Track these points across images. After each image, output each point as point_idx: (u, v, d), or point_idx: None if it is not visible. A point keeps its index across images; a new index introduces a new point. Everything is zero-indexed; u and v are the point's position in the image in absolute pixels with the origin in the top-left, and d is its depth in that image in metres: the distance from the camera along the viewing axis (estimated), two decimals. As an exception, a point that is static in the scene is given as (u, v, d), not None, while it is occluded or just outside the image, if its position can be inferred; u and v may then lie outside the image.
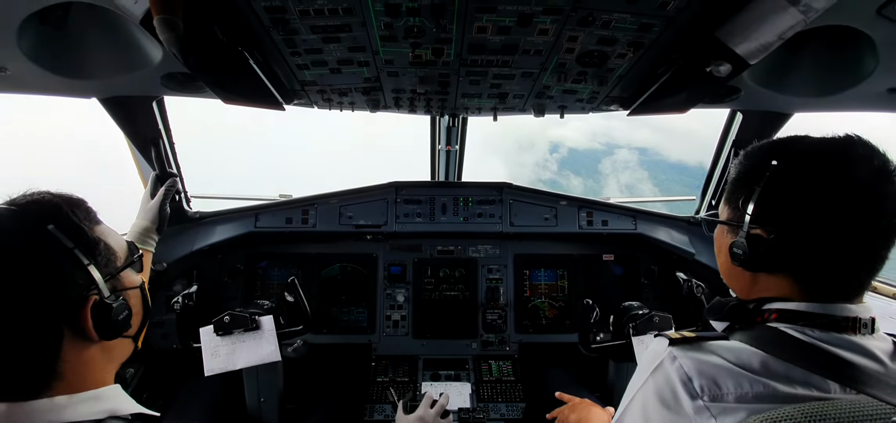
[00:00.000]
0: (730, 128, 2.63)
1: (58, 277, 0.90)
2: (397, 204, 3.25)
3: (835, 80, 1.85)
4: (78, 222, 0.98)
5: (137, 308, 1.12)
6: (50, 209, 0.95)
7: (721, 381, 0.96)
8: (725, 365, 0.98)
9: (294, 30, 1.57)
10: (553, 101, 2.28)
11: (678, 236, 3.15)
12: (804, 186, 1.01)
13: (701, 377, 0.97)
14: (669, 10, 1.43)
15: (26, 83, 1.84)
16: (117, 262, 1.07)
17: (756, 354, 0.99)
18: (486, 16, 1.51)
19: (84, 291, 0.94)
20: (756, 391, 0.94)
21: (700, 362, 1.00)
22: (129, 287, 1.10)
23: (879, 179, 0.96)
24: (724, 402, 0.94)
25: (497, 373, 3.07)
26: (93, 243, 0.99)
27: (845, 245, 0.98)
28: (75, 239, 0.94)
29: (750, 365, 0.97)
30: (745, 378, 0.95)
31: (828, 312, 1.00)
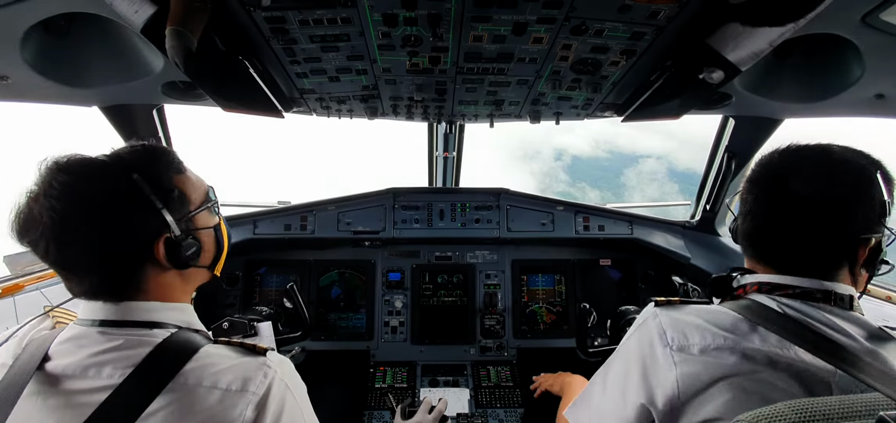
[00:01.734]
0: (723, 133, 2.67)
1: (141, 216, 1.11)
2: (395, 210, 3.27)
3: (823, 86, 1.89)
4: (158, 172, 1.17)
5: (210, 245, 1.33)
6: (137, 160, 1.15)
7: (689, 334, 1.11)
8: (697, 322, 1.13)
9: (293, 39, 1.60)
10: (548, 108, 2.31)
11: (674, 241, 3.18)
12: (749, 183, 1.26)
13: (673, 330, 1.14)
14: (660, 19, 1.47)
15: (28, 92, 1.86)
16: (191, 206, 1.25)
17: (729, 315, 1.13)
18: (481, 25, 1.54)
19: (158, 230, 1.14)
20: (717, 345, 1.08)
21: (676, 319, 1.16)
22: (203, 227, 1.29)
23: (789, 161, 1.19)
24: (688, 353, 1.09)
25: (495, 379, 3.07)
26: (168, 190, 1.18)
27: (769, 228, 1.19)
28: (154, 186, 1.13)
29: (720, 323, 1.11)
30: (710, 333, 1.10)
31: (795, 284, 1.13)
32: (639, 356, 1.18)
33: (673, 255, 3.12)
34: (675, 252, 3.10)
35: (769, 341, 1.05)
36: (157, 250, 1.14)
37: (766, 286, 1.17)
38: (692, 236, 3.20)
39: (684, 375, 1.07)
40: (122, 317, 1.11)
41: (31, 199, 1.04)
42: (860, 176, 1.11)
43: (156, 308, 1.16)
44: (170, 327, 1.15)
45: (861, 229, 1.11)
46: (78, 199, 1.04)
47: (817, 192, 1.10)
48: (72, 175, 1.05)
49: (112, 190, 1.09)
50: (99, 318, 1.10)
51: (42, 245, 1.03)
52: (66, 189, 1.03)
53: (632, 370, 1.19)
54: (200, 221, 1.29)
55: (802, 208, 1.12)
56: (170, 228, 1.16)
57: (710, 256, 3.04)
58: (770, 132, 2.39)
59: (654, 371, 1.12)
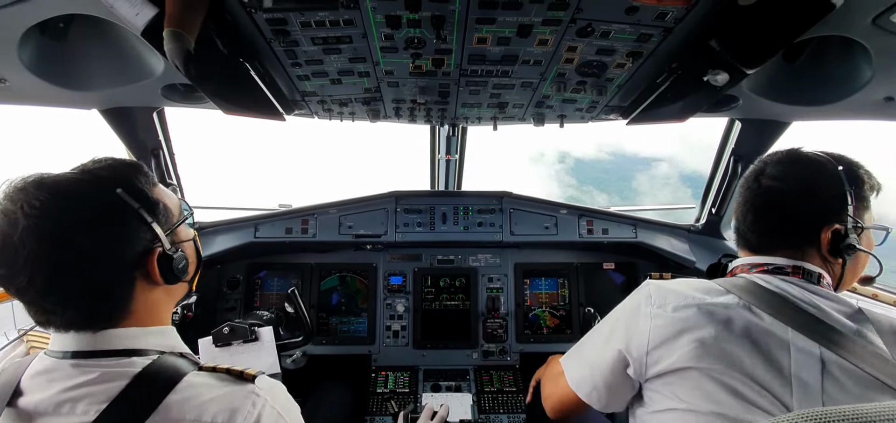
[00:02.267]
0: (729, 136, 2.64)
1: (128, 233, 1.06)
2: (397, 214, 3.25)
3: (832, 89, 1.86)
4: (141, 186, 1.12)
5: (192, 258, 1.29)
6: (118, 174, 1.09)
7: (668, 297, 1.29)
8: (677, 289, 1.30)
9: (295, 41, 1.58)
10: (552, 110, 2.29)
11: (679, 245, 3.15)
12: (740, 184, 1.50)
13: (656, 294, 1.31)
14: (668, 20, 1.45)
15: (26, 95, 1.84)
16: (173, 219, 1.21)
17: (708, 284, 1.30)
18: (485, 27, 1.52)
19: (150, 244, 1.10)
20: (686, 303, 1.25)
21: (662, 286, 1.34)
22: (185, 240, 1.25)
23: None
24: (664, 309, 1.27)
25: (498, 384, 3.04)
26: (154, 204, 1.14)
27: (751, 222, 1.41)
28: (140, 200, 1.09)
29: (696, 288, 1.29)
30: (683, 296, 1.27)
31: (768, 261, 1.33)
32: (625, 314, 1.37)
33: (678, 259, 3.09)
34: (680, 256, 3.07)
35: (731, 304, 1.22)
36: (151, 265, 1.10)
37: (746, 266, 1.37)
38: (697, 240, 3.17)
39: (656, 328, 1.26)
40: (97, 347, 1.03)
41: (6, 222, 0.93)
42: (821, 170, 1.32)
43: (136, 334, 1.09)
44: (151, 354, 1.08)
45: (820, 216, 1.29)
46: (66, 218, 0.96)
47: (781, 182, 1.33)
48: (55, 194, 0.97)
49: (100, 207, 1.02)
50: (71, 349, 1.02)
51: (23, 276, 0.93)
52: (50, 209, 0.95)
53: (618, 324, 1.38)
54: (181, 234, 1.25)
55: (770, 198, 1.35)
56: (161, 242, 1.12)
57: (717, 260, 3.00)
58: (777, 135, 2.36)
59: (636, 324, 1.31)
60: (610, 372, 1.37)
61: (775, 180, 1.34)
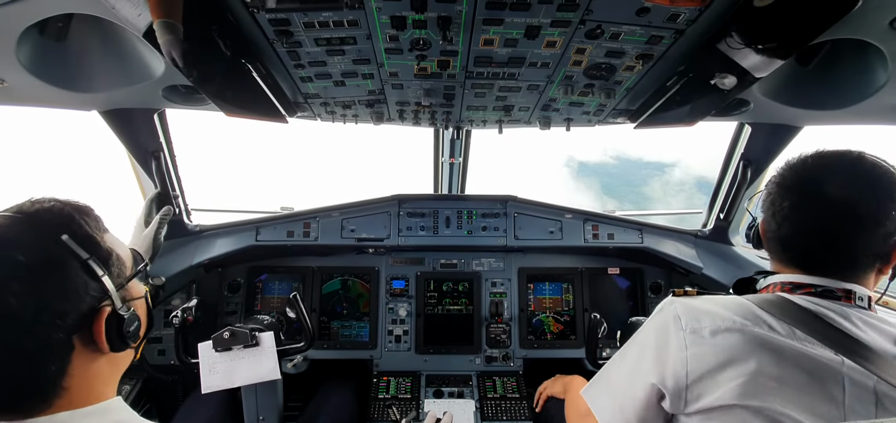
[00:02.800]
0: (738, 140, 2.60)
1: (73, 289, 0.88)
2: (400, 217, 3.22)
3: (846, 93, 1.82)
4: (90, 232, 0.96)
5: (143, 318, 1.10)
6: (62, 218, 0.92)
7: (701, 317, 1.17)
8: (711, 309, 1.18)
9: (298, 41, 1.55)
10: (559, 114, 2.26)
11: (685, 250, 3.11)
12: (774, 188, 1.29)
13: (686, 315, 1.19)
14: (680, 22, 1.41)
15: (25, 96, 1.82)
16: (126, 272, 1.05)
17: (743, 303, 1.18)
18: (493, 28, 1.49)
19: (97, 302, 0.92)
20: (726, 326, 1.13)
21: (691, 305, 1.22)
22: (136, 297, 1.08)
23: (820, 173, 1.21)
24: (700, 334, 1.15)
25: (501, 390, 3.00)
26: (106, 254, 0.98)
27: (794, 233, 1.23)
28: (89, 249, 0.92)
29: (731, 308, 1.17)
30: (720, 317, 1.15)
31: (817, 283, 1.18)
32: (654, 339, 1.24)
33: (684, 264, 3.05)
34: (687, 262, 3.03)
35: (779, 330, 1.09)
36: (97, 328, 0.92)
37: (786, 285, 1.22)
38: (704, 246, 3.13)
39: (694, 356, 1.12)
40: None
41: None
42: (893, 181, 1.16)
43: (63, 421, 0.88)
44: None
45: (894, 232, 1.14)
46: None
47: (852, 196, 1.14)
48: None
49: (38, 257, 0.84)
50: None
51: None
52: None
53: (646, 352, 1.25)
54: (133, 290, 1.07)
55: (839, 212, 1.15)
56: (112, 299, 0.94)
57: (724, 266, 2.96)
58: (788, 140, 2.32)
59: (667, 352, 1.18)
60: (643, 407, 1.22)
61: (846, 191, 1.15)
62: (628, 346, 1.35)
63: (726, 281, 2.86)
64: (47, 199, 0.95)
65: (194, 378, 2.24)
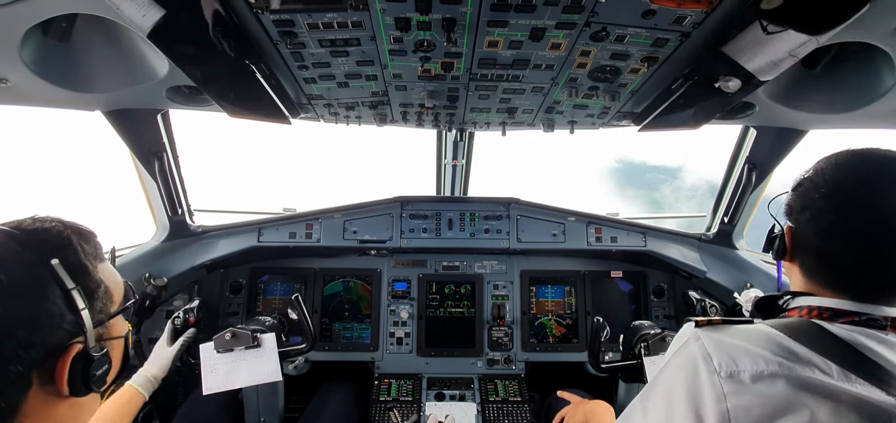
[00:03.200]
0: (742, 144, 2.59)
1: (47, 319, 0.79)
2: (403, 219, 3.21)
3: (852, 96, 1.81)
4: (83, 260, 0.89)
5: (117, 361, 1.00)
6: (59, 241, 0.87)
7: (738, 359, 0.97)
8: (745, 345, 0.99)
9: (302, 43, 1.55)
10: (563, 116, 2.25)
11: (689, 254, 3.09)
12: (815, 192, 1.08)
13: (719, 353, 0.99)
14: (686, 24, 1.40)
15: (28, 96, 1.81)
16: (111, 307, 0.96)
17: (781, 338, 1.00)
18: (498, 30, 1.48)
19: (68, 337, 0.83)
20: (772, 371, 0.94)
21: (721, 341, 1.02)
22: (115, 336, 0.98)
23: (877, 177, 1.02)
24: (738, 380, 0.95)
25: (503, 393, 2.98)
26: (94, 286, 0.90)
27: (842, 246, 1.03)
28: (78, 278, 0.85)
29: (771, 347, 0.98)
30: (762, 358, 0.96)
31: (861, 310, 1.00)
32: (683, 384, 1.03)
33: (688, 268, 3.04)
34: (690, 265, 3.02)
35: (830, 372, 0.93)
36: (61, 367, 0.81)
37: (828, 312, 1.03)
38: (708, 249, 3.11)
39: (736, 408, 0.93)
40: None
41: None
42: None
43: None
44: None
45: None
46: None
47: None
48: None
49: (19, 275, 0.78)
50: None
51: None
52: None
53: (676, 400, 1.04)
54: (114, 328, 0.98)
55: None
56: (85, 336, 0.84)
57: (728, 270, 2.95)
58: (794, 144, 2.31)
59: (701, 400, 0.98)
60: None
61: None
62: (652, 389, 1.15)
63: (731, 285, 2.85)
64: (50, 219, 0.90)
65: (195, 379, 2.24)
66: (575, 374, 3.26)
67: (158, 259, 2.84)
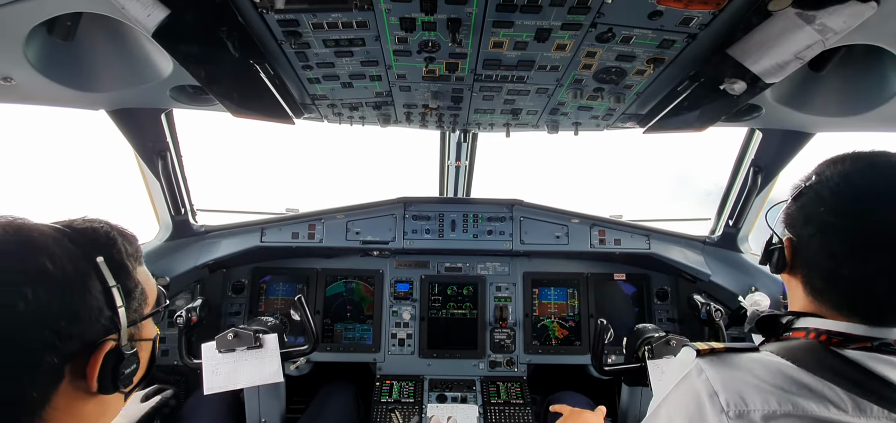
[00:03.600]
0: (748, 146, 2.57)
1: (86, 313, 0.82)
2: (405, 220, 3.20)
3: (859, 99, 1.80)
4: (125, 260, 0.93)
5: (144, 363, 1.02)
6: (106, 241, 0.91)
7: (748, 397, 0.91)
8: (753, 381, 0.93)
9: (307, 43, 1.54)
10: (567, 117, 2.24)
11: (693, 257, 3.07)
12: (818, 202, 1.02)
13: (727, 391, 0.93)
14: (693, 26, 1.39)
15: (32, 94, 1.81)
16: (145, 309, 1.00)
17: (789, 368, 0.94)
18: (503, 30, 1.47)
19: (103, 334, 0.85)
20: (785, 410, 0.88)
21: (727, 375, 0.95)
22: (145, 338, 1.02)
23: None
24: (751, 420, 0.89)
25: (505, 395, 2.97)
26: (133, 286, 0.94)
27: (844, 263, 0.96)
28: (119, 277, 0.89)
29: (781, 382, 0.92)
30: (773, 396, 0.90)
31: (875, 335, 0.93)
32: (684, 420, 0.98)
33: (692, 271, 3.02)
34: (694, 268, 3.00)
35: (844, 407, 0.87)
36: (93, 362, 0.83)
37: (838, 338, 0.96)
38: (713, 253, 3.09)
39: None
40: None
41: None
42: None
43: None
44: None
45: None
46: (4, 275, 0.75)
47: None
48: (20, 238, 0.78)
49: (66, 269, 0.80)
50: None
51: None
52: None
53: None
54: (145, 329, 1.01)
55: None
56: (119, 334, 0.87)
57: (733, 273, 2.93)
58: (800, 147, 2.29)
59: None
60: None
61: None
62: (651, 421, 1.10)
63: (735, 289, 2.83)
64: (99, 220, 0.95)
65: (196, 379, 2.24)
66: (577, 377, 3.25)
67: (161, 258, 2.84)
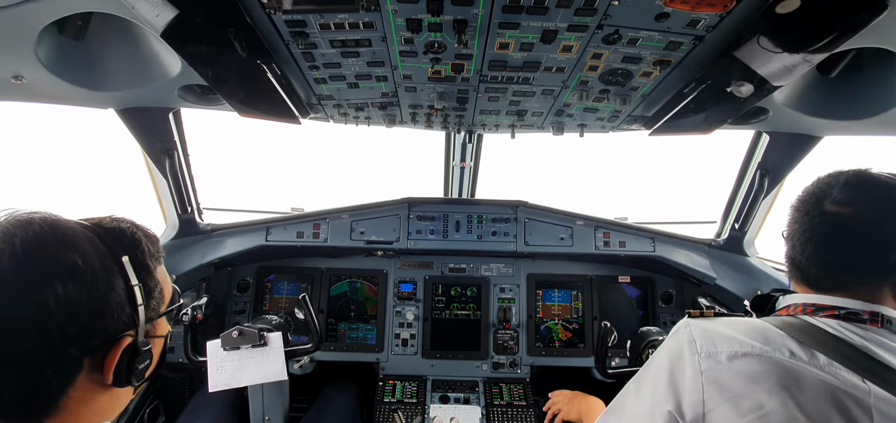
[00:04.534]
0: (755, 150, 2.56)
1: (110, 308, 0.87)
2: (410, 220, 3.21)
3: (868, 102, 1.79)
4: (147, 261, 0.99)
5: (156, 358, 1.06)
6: (132, 242, 0.96)
7: (717, 341, 1.12)
8: (726, 331, 1.13)
9: (313, 43, 1.55)
10: (573, 119, 2.23)
11: (698, 260, 3.06)
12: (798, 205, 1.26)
13: (701, 339, 1.14)
14: (700, 28, 1.39)
15: (43, 93, 1.84)
16: (161, 307, 1.05)
17: (763, 326, 1.12)
18: (509, 32, 1.48)
19: (122, 329, 0.90)
20: (745, 351, 1.07)
21: (706, 328, 1.17)
22: (159, 335, 1.06)
23: None
24: (716, 359, 1.09)
25: (508, 397, 2.97)
26: (153, 285, 0.99)
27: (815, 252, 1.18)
28: (141, 277, 0.94)
29: (750, 333, 1.11)
30: (737, 341, 1.09)
31: (840, 304, 1.12)
32: (668, 363, 1.18)
33: (697, 274, 3.00)
34: (700, 272, 2.98)
35: (801, 357, 1.04)
36: (111, 356, 0.88)
37: (808, 307, 1.17)
38: (718, 256, 3.07)
39: (710, 381, 1.07)
40: None
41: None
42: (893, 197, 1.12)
43: None
44: None
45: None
46: (40, 269, 0.78)
47: (850, 209, 1.13)
48: (37, 238, 0.80)
49: (94, 266, 0.84)
50: None
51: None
52: (26, 253, 0.78)
53: (661, 377, 1.19)
54: (159, 326, 1.06)
55: (836, 227, 1.15)
56: (137, 330, 0.92)
57: (739, 277, 2.91)
58: (807, 150, 2.27)
59: (682, 377, 1.13)
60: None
61: (842, 206, 1.14)
62: (644, 371, 1.30)
63: (741, 293, 2.81)
64: (125, 220, 1.00)
65: (201, 377, 2.25)
66: (581, 379, 3.24)
67: (168, 256, 2.84)
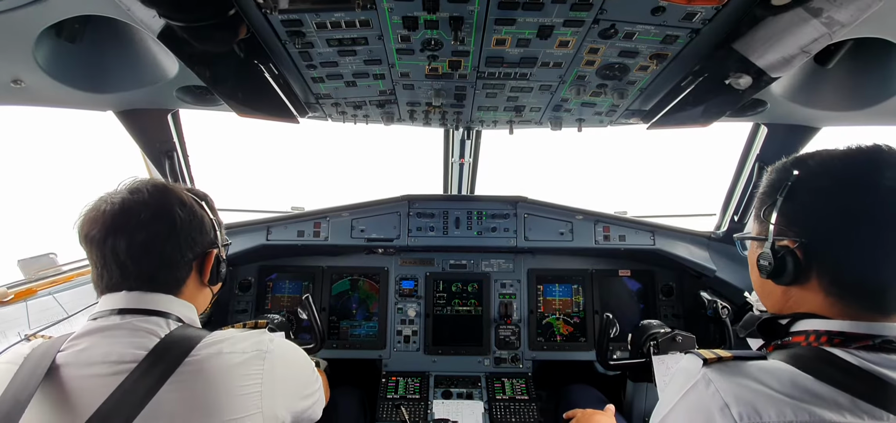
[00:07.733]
0: (753, 142, 2.56)
1: (205, 231, 1.38)
2: (410, 217, 3.22)
3: (866, 93, 1.79)
4: (213, 206, 1.48)
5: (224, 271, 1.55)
6: (204, 195, 1.47)
7: (761, 408, 0.89)
8: (765, 391, 0.91)
9: (310, 42, 1.55)
10: (571, 114, 2.24)
11: (698, 253, 3.06)
12: (829, 190, 1.00)
13: (739, 403, 0.90)
14: (696, 21, 1.39)
15: (42, 96, 1.84)
16: (221, 239, 1.51)
17: (799, 376, 0.92)
18: (505, 28, 1.48)
19: (211, 245, 1.41)
20: (801, 420, 0.87)
21: (738, 386, 0.93)
22: (223, 258, 1.53)
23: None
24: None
25: (510, 392, 2.98)
26: (220, 221, 1.50)
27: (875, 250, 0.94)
28: (215, 215, 1.46)
29: (793, 390, 0.90)
30: (787, 406, 0.88)
31: (877, 332, 0.93)
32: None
33: (697, 267, 3.00)
34: (700, 264, 2.99)
35: (859, 412, 0.87)
36: (208, 261, 1.40)
37: (839, 338, 0.95)
38: (718, 248, 3.08)
39: None
40: (147, 306, 1.25)
41: (124, 203, 1.23)
42: None
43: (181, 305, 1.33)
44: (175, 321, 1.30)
45: None
46: (171, 208, 1.29)
47: None
48: (162, 193, 1.29)
49: (193, 205, 1.36)
50: (124, 306, 1.23)
51: (122, 241, 1.20)
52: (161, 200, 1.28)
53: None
54: (223, 252, 1.54)
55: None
56: (218, 247, 1.44)
57: (738, 269, 2.91)
58: (806, 141, 2.27)
59: None
60: None
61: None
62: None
63: (740, 285, 2.82)
64: (199, 189, 1.49)
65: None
66: (583, 373, 3.25)
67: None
